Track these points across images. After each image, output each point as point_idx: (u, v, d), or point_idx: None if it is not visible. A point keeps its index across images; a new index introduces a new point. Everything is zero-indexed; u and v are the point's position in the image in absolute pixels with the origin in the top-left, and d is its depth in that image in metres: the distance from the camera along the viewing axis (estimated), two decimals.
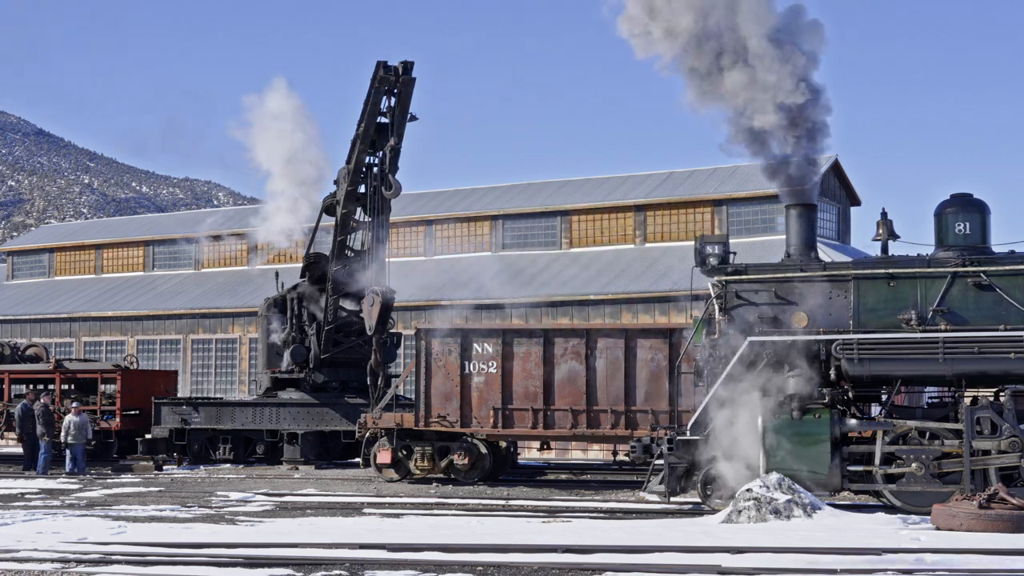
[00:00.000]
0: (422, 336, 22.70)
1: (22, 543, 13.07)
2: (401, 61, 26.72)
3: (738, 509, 15.17)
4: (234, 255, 43.56)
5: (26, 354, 32.51)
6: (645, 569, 11.11)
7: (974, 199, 16.94)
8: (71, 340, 42.00)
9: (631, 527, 14.79)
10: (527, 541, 12.99)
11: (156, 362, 39.79)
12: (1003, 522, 13.73)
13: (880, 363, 16.36)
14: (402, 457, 22.93)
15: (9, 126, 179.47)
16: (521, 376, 22.03)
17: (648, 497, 18.39)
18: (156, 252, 45.47)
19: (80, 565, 11.59)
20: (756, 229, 34.66)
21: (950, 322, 16.37)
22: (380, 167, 27.06)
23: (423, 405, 22.46)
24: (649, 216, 36.57)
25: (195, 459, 28.11)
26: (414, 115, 27.18)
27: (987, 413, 16.13)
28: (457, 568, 11.32)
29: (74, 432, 26.14)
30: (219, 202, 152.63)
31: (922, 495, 16.11)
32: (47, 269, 47.91)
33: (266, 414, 27.87)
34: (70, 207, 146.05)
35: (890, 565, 11.13)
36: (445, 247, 39.40)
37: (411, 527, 14.89)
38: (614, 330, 22.27)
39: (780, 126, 16.91)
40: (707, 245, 17.46)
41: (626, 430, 21.31)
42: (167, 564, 11.62)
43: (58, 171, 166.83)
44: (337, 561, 11.70)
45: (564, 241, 37.56)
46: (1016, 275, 16.40)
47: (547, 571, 11.16)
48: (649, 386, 21.41)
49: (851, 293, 16.82)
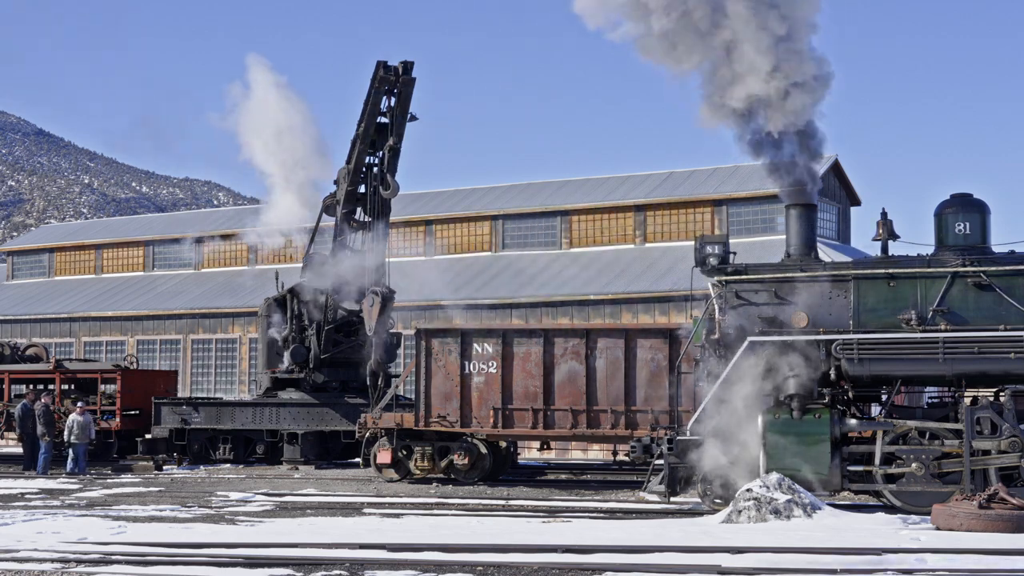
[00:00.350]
0: (422, 336, 22.70)
1: (22, 543, 13.07)
2: (401, 61, 26.74)
3: (738, 509, 15.17)
4: (234, 255, 43.56)
5: (26, 354, 32.50)
6: (645, 569, 11.11)
7: (974, 199, 16.93)
8: (71, 340, 42.00)
9: (631, 527, 14.79)
10: (527, 541, 12.99)
11: (156, 362, 39.80)
12: (1003, 522, 13.73)
13: (880, 363, 16.36)
14: (402, 457, 22.93)
15: (9, 126, 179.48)
16: (521, 376, 22.03)
17: (648, 497, 18.39)
18: (156, 252, 45.47)
19: (80, 565, 11.59)
20: (756, 229, 34.66)
21: (950, 322, 16.36)
22: (380, 167, 27.06)
23: (423, 405, 22.46)
24: (649, 216, 36.56)
25: (195, 459, 28.10)
26: (414, 115, 27.22)
27: (987, 413, 16.12)
28: (457, 568, 11.32)
29: (78, 432, 26.15)
30: (219, 202, 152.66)
31: (922, 495, 16.10)
32: (47, 269, 47.91)
33: (266, 414, 27.87)
34: (70, 207, 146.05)
35: (890, 565, 11.13)
36: (445, 247, 39.40)
37: (411, 527, 14.89)
38: (614, 330, 22.27)
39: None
40: (707, 245, 17.45)
41: (626, 430, 21.31)
42: (167, 564, 11.62)
43: (58, 171, 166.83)
44: (337, 561, 11.70)
45: (564, 241, 37.56)
46: (1016, 275, 16.39)
47: (547, 571, 11.16)
48: (649, 386, 21.41)
49: (851, 293, 16.81)
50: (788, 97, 16.74)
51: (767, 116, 17.01)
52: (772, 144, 17.32)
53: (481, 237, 38.92)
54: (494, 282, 35.71)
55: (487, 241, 38.76)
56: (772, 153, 17.46)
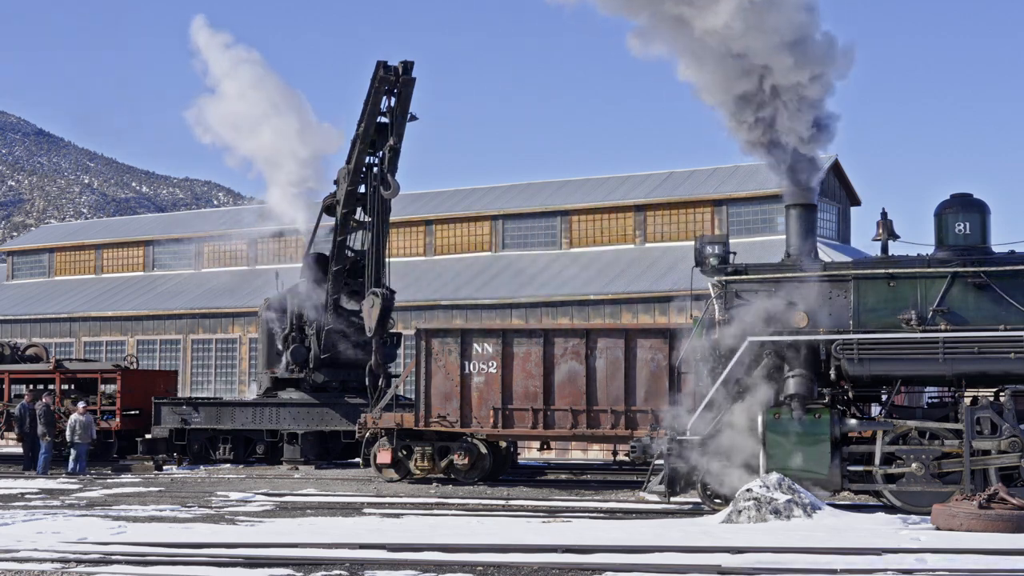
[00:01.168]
0: (422, 336, 22.70)
1: (22, 543, 13.07)
2: (401, 61, 26.72)
3: (738, 509, 15.17)
4: (234, 255, 43.56)
5: (26, 354, 32.49)
6: (645, 569, 11.11)
7: (974, 199, 16.92)
8: (71, 340, 42.00)
9: (631, 527, 14.79)
10: (527, 541, 12.99)
11: (156, 362, 39.80)
12: (1003, 522, 13.73)
13: (880, 363, 16.35)
14: (402, 457, 22.92)
15: (9, 126, 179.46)
16: (521, 376, 22.03)
17: (648, 497, 18.38)
18: (156, 252, 45.47)
19: (80, 565, 11.59)
20: (756, 229, 34.66)
21: (950, 322, 16.36)
22: (380, 167, 27.05)
23: (423, 405, 22.45)
24: (649, 216, 36.56)
25: (195, 459, 28.10)
26: (414, 115, 27.20)
27: (987, 413, 16.12)
28: (457, 568, 11.32)
29: (80, 432, 26.16)
30: (219, 202, 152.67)
31: (922, 495, 16.11)
32: (47, 269, 47.90)
33: (266, 414, 27.87)
34: (70, 207, 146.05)
35: (890, 565, 11.13)
36: (445, 247, 39.40)
37: (411, 527, 14.89)
38: (614, 330, 22.26)
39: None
40: (707, 245, 17.45)
41: (626, 430, 21.31)
42: (167, 564, 11.61)
43: (58, 171, 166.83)
44: (337, 561, 11.70)
45: (564, 241, 37.56)
46: (1016, 275, 16.38)
47: (547, 571, 11.16)
48: (649, 386, 21.40)
49: (851, 293, 16.81)
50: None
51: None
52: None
53: (481, 237, 38.92)
54: (494, 282, 35.71)
55: (487, 241, 38.76)
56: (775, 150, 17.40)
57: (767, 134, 16.97)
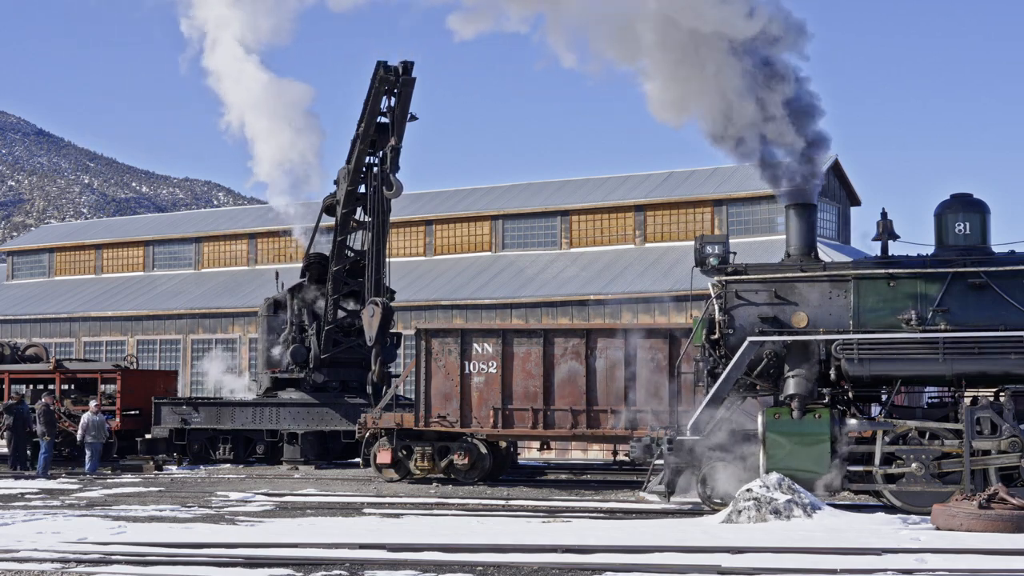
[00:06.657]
0: (422, 336, 22.70)
1: (22, 543, 13.07)
2: (401, 61, 26.70)
3: (738, 509, 15.17)
4: (234, 255, 43.57)
5: (26, 354, 32.47)
6: (645, 569, 11.11)
7: (974, 199, 16.92)
8: (71, 340, 42.00)
9: (631, 527, 14.79)
10: (527, 541, 12.99)
11: (156, 362, 39.81)
12: (1003, 522, 13.73)
13: (880, 363, 16.34)
14: (402, 457, 22.92)
15: (9, 126, 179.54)
16: (521, 376, 22.02)
17: (648, 497, 18.38)
18: (156, 252, 45.48)
19: (80, 565, 11.59)
20: (756, 229, 34.67)
21: (950, 322, 16.35)
22: (380, 167, 27.04)
23: (423, 405, 22.45)
24: (649, 216, 36.57)
25: (195, 459, 28.09)
26: (414, 115, 27.17)
27: (987, 413, 16.11)
28: (457, 568, 11.32)
29: (94, 431, 26.13)
30: (219, 202, 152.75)
31: (922, 495, 16.10)
32: (47, 269, 47.92)
33: (266, 414, 27.87)
34: (70, 207, 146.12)
35: (890, 565, 11.13)
36: (445, 247, 39.41)
37: (411, 527, 14.88)
38: (614, 330, 22.25)
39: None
40: (707, 245, 17.44)
41: (626, 430, 21.30)
42: (167, 564, 11.62)
43: (58, 171, 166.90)
44: (337, 561, 11.70)
45: (564, 241, 37.56)
46: (1016, 275, 16.38)
47: (547, 571, 11.16)
48: (649, 386, 21.39)
49: (851, 293, 16.80)
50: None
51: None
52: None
53: (481, 237, 38.92)
54: (494, 282, 35.72)
55: (487, 241, 38.77)
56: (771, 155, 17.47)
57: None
